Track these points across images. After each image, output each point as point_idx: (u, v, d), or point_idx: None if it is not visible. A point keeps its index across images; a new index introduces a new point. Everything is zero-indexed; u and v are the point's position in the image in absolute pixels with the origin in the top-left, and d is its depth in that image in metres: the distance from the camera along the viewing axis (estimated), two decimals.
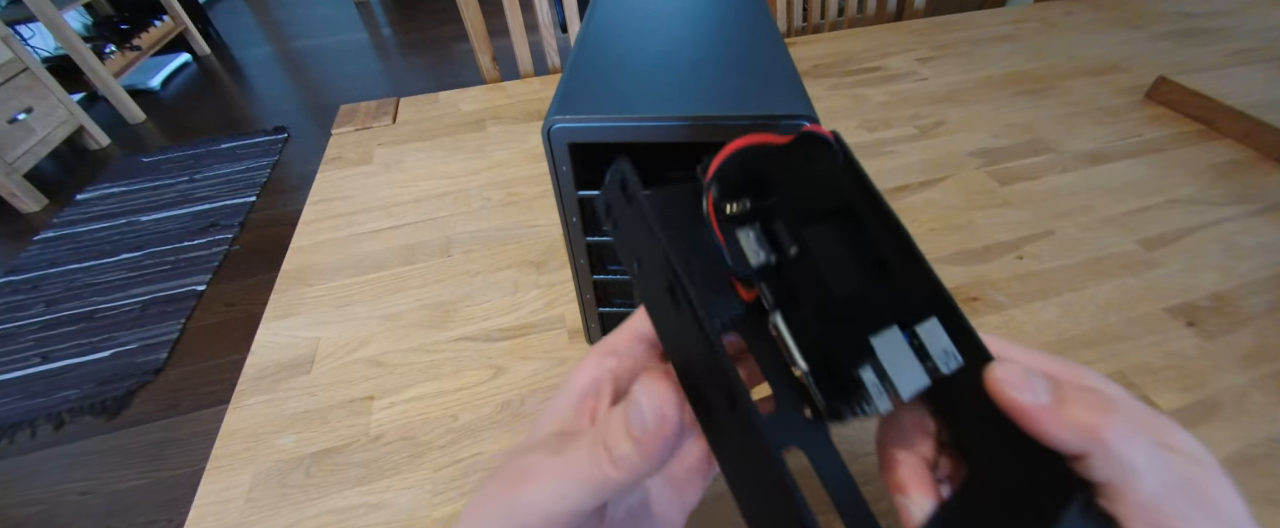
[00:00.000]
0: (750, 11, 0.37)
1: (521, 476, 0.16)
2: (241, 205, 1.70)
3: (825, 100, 0.69)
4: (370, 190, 0.59)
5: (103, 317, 1.36)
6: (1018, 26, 0.85)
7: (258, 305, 0.66)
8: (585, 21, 0.37)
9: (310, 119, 2.19)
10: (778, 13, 1.00)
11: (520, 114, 0.70)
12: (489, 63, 0.84)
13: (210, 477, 0.35)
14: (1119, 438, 0.14)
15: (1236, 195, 0.52)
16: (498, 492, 0.16)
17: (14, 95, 1.73)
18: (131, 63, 2.32)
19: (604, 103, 0.28)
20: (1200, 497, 0.15)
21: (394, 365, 0.41)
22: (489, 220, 0.54)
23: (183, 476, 1.06)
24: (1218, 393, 0.36)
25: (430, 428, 0.37)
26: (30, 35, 2.06)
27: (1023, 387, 0.15)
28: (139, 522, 1.00)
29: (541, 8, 0.84)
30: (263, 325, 0.45)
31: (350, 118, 0.71)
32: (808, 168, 0.19)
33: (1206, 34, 0.80)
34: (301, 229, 0.54)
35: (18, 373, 1.24)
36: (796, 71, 0.30)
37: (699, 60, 0.32)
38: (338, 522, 0.33)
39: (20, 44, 1.79)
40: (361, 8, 3.29)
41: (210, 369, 1.24)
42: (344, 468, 0.35)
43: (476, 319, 0.44)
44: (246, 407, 0.39)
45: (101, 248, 1.57)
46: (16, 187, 1.68)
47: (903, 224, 0.18)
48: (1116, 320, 0.42)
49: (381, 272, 0.49)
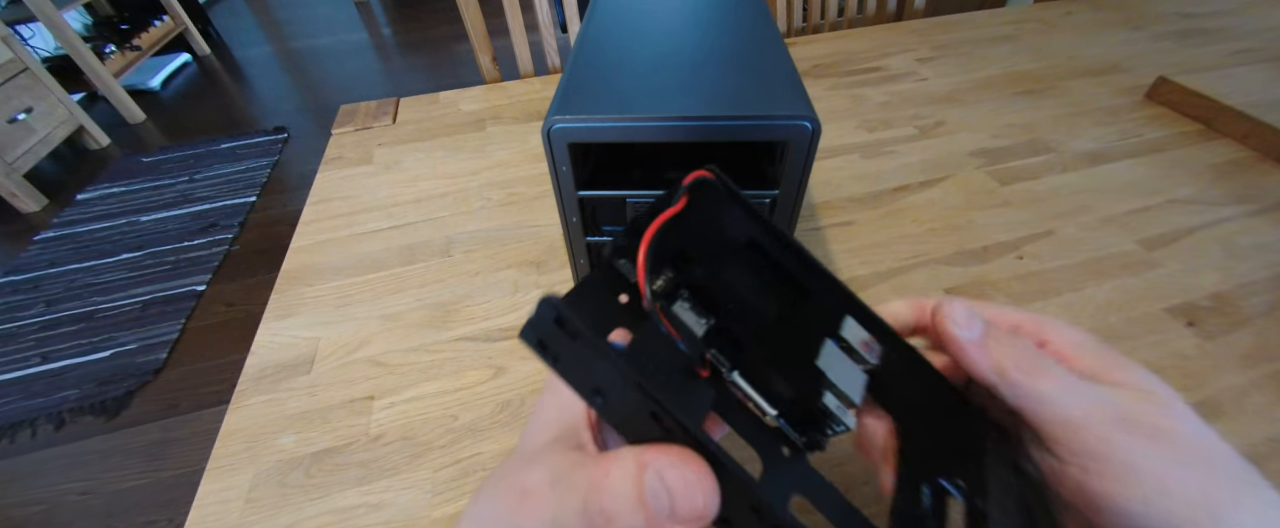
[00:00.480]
0: (750, 11, 0.37)
1: (522, 497, 0.15)
2: (241, 205, 1.70)
3: (825, 100, 0.69)
4: (370, 190, 0.59)
5: (103, 317, 1.36)
6: (1018, 26, 0.85)
7: (258, 305, 0.66)
8: (585, 21, 0.37)
9: (310, 119, 2.19)
10: (778, 13, 1.00)
11: (520, 114, 0.70)
12: (489, 63, 0.84)
13: (210, 477, 0.35)
14: (1022, 371, 0.17)
15: (1236, 195, 0.52)
16: (498, 511, 0.15)
17: (14, 95, 1.73)
18: (131, 63, 2.32)
19: (604, 103, 0.28)
20: (1144, 427, 0.16)
21: (394, 365, 0.41)
22: (489, 220, 0.54)
23: (183, 476, 1.06)
24: (1218, 393, 0.36)
25: (430, 428, 0.37)
26: (30, 35, 2.06)
27: (962, 323, 0.18)
28: (139, 522, 1.00)
29: (541, 8, 0.84)
30: (263, 325, 0.45)
31: (350, 118, 0.71)
32: (707, 214, 0.20)
33: (1206, 34, 0.80)
34: (301, 229, 0.54)
35: (18, 373, 1.24)
36: (796, 71, 0.30)
37: (699, 60, 0.32)
38: (338, 522, 0.33)
39: (20, 44, 1.79)
40: (361, 8, 3.29)
41: (210, 369, 1.24)
42: (344, 468, 0.35)
43: (476, 319, 0.44)
44: (247, 407, 0.39)
45: (101, 248, 1.57)
46: (16, 187, 1.68)
47: (795, 240, 0.19)
48: (1116, 320, 0.42)
49: (381, 272, 0.49)
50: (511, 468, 0.16)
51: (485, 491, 0.16)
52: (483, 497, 0.16)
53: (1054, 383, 0.17)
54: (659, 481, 0.13)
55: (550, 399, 0.18)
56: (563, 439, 0.17)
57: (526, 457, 0.16)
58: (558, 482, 0.15)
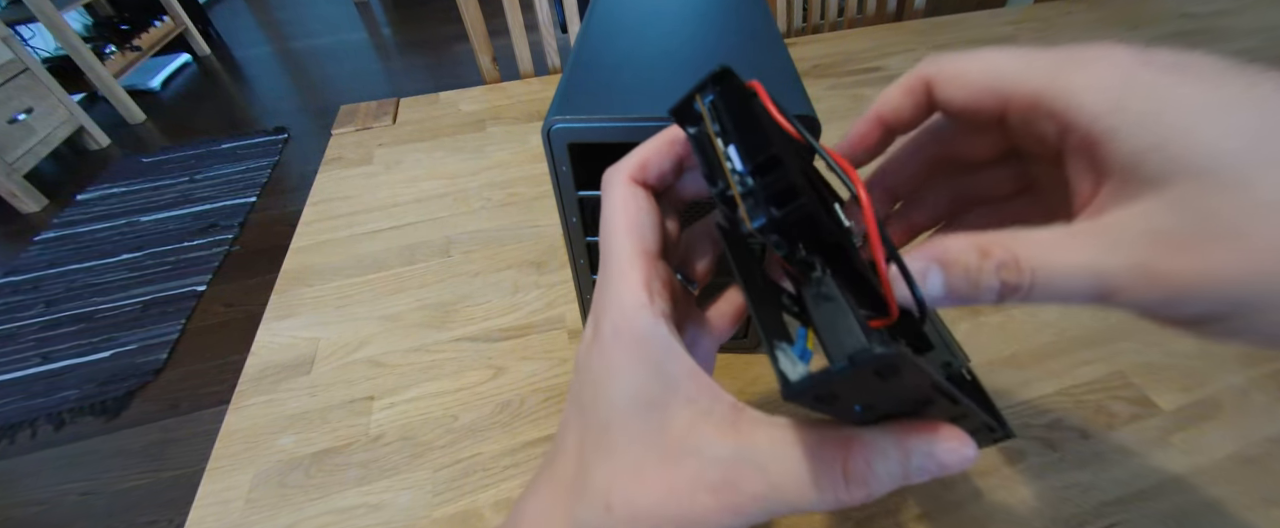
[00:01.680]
0: (750, 11, 0.37)
1: (636, 476, 0.14)
2: (241, 206, 1.70)
3: (825, 100, 0.69)
4: (370, 191, 0.59)
5: (103, 317, 1.36)
6: (1018, 27, 0.85)
7: (258, 306, 0.66)
8: (585, 21, 0.37)
9: (310, 119, 2.19)
10: (778, 13, 1.00)
11: (520, 114, 0.70)
12: (489, 63, 0.84)
13: (210, 477, 0.35)
14: None
15: None
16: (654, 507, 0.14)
17: (14, 95, 1.73)
18: (131, 63, 2.32)
19: (604, 103, 0.28)
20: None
21: (394, 366, 0.41)
22: (489, 220, 0.54)
23: (183, 476, 1.06)
24: (1218, 393, 0.36)
25: (430, 428, 0.37)
26: (30, 35, 2.06)
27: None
28: (139, 522, 1.00)
29: (541, 8, 0.84)
30: (263, 326, 0.45)
31: (350, 118, 0.71)
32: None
33: (1206, 34, 0.80)
34: (301, 229, 0.54)
35: (18, 373, 1.24)
36: (796, 71, 0.30)
37: (699, 60, 0.32)
38: (338, 522, 0.33)
39: (20, 44, 1.79)
40: (361, 8, 3.29)
41: (210, 369, 1.24)
42: (344, 468, 0.35)
43: (476, 319, 0.44)
44: (246, 407, 0.39)
45: (102, 248, 1.57)
46: (17, 187, 1.68)
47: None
48: (1117, 320, 0.42)
49: (381, 272, 0.49)
50: (589, 439, 0.15)
51: (630, 498, 0.14)
52: (621, 510, 0.14)
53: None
54: (930, 460, 0.14)
55: (619, 285, 0.16)
56: (658, 407, 0.15)
57: (603, 422, 0.15)
58: (668, 459, 0.14)
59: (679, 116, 0.17)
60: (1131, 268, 0.12)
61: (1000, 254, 0.13)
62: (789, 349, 0.14)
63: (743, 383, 0.38)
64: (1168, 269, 0.12)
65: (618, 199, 0.17)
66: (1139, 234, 0.12)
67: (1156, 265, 0.12)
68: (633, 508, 0.14)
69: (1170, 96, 0.12)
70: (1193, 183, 0.12)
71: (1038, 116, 0.14)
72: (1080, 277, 0.12)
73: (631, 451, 0.15)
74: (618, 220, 0.17)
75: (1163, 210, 0.12)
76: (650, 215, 0.17)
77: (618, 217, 0.17)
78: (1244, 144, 0.11)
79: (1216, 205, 0.11)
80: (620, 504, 0.14)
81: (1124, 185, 0.13)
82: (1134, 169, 0.12)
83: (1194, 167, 0.12)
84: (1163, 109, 0.12)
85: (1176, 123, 0.12)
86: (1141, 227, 0.12)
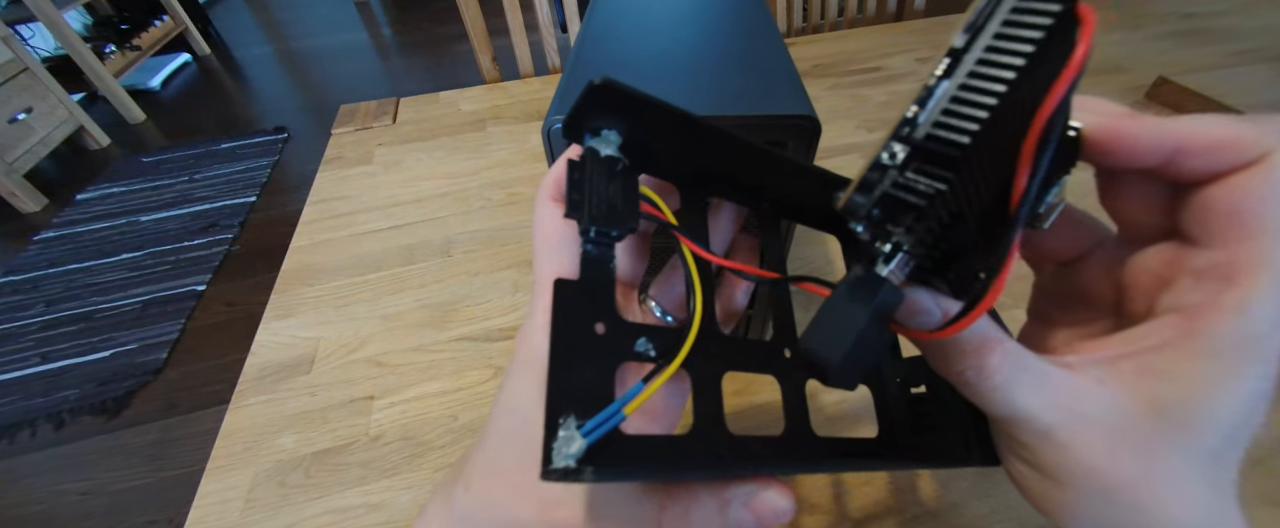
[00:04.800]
0: (750, 11, 0.37)
1: (493, 469, 0.16)
2: (241, 205, 1.70)
3: (825, 100, 0.69)
4: (370, 190, 0.59)
5: (102, 317, 1.36)
6: None
7: (258, 305, 0.66)
8: (585, 21, 0.37)
9: (310, 119, 2.19)
10: (778, 13, 1.00)
11: (520, 114, 0.70)
12: (489, 63, 0.84)
13: (210, 477, 0.35)
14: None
15: None
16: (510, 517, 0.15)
17: (14, 95, 1.73)
18: (131, 63, 2.32)
19: None
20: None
21: (394, 365, 0.41)
22: (489, 220, 0.54)
23: (183, 476, 1.06)
24: None
25: (430, 428, 0.37)
26: (30, 35, 2.06)
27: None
28: (139, 522, 1.00)
29: (541, 8, 0.84)
30: (263, 325, 0.45)
31: (350, 118, 0.71)
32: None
33: (1206, 34, 0.80)
34: (301, 229, 0.54)
35: (18, 373, 1.24)
36: (796, 71, 0.30)
37: (699, 60, 0.32)
38: (338, 522, 0.33)
39: (20, 44, 1.79)
40: (361, 8, 3.29)
41: (210, 369, 1.24)
42: (344, 468, 0.35)
43: (476, 319, 0.44)
44: (246, 407, 0.39)
45: (101, 248, 1.57)
46: (16, 186, 1.68)
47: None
48: None
49: (381, 272, 0.49)
50: (513, 462, 0.15)
51: (483, 484, 0.16)
52: (476, 490, 0.16)
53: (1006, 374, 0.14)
54: (745, 511, 0.15)
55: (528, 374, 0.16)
56: None
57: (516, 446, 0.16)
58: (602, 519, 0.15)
59: (570, 132, 0.16)
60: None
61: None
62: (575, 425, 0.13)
63: (740, 384, 0.38)
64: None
65: (536, 219, 0.17)
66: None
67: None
68: (487, 495, 0.16)
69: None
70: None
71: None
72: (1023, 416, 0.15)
73: (503, 450, 0.16)
74: (535, 242, 0.17)
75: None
76: (572, 236, 0.16)
77: (535, 238, 0.17)
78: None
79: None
80: (477, 489, 0.16)
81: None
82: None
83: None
84: None
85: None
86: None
